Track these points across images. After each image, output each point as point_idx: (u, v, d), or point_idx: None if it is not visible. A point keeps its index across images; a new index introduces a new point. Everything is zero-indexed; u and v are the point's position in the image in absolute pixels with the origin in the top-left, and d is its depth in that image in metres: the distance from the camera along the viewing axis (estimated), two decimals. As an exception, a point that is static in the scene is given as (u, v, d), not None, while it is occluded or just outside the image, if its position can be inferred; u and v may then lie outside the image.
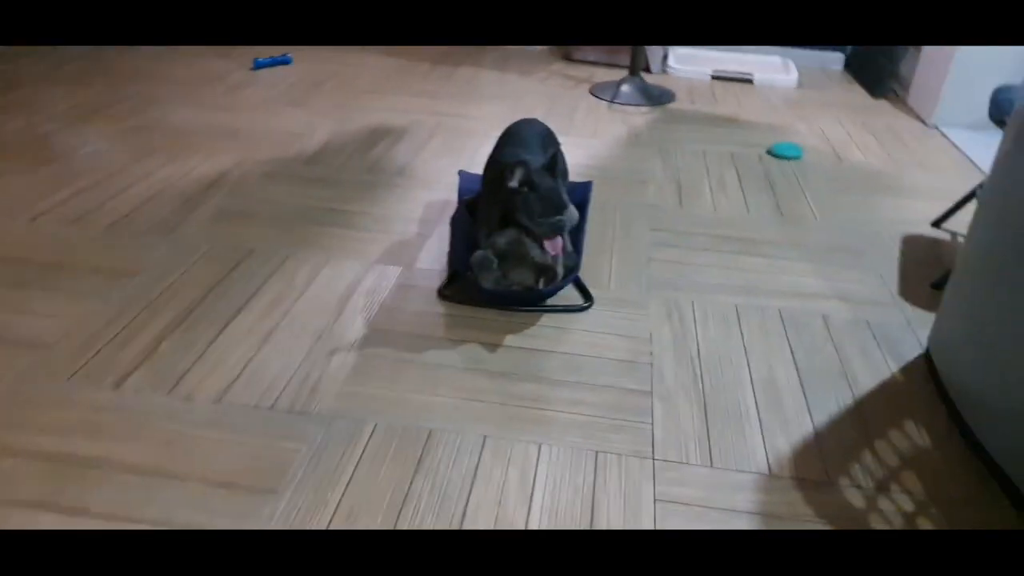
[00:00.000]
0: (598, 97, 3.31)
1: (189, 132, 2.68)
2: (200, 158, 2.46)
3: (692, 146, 2.77)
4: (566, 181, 1.98)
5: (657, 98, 3.30)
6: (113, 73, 3.29)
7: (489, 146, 1.97)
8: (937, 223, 2.18)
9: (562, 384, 1.50)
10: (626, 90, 3.33)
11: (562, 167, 1.68)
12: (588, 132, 2.86)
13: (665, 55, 3.79)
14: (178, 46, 3.75)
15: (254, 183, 2.30)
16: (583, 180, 2.27)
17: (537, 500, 1.23)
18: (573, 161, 2.47)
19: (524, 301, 1.73)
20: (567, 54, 3.89)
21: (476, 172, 2.18)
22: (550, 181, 1.65)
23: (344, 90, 3.21)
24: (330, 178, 2.37)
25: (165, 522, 1.16)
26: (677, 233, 2.12)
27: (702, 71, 3.69)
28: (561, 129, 2.86)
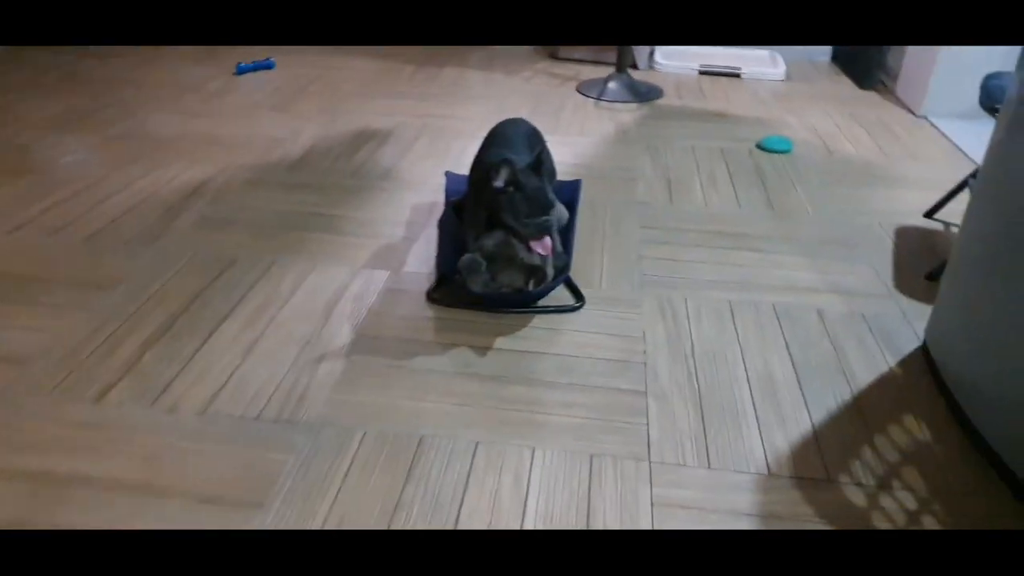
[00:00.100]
0: (585, 95, 3.28)
1: (171, 139, 2.64)
2: (182, 166, 2.42)
3: (681, 142, 2.74)
4: (553, 180, 1.96)
5: (644, 94, 3.28)
6: (94, 81, 3.25)
7: (476, 146, 1.94)
8: (929, 214, 2.17)
9: (555, 386, 1.47)
10: (613, 87, 3.31)
11: (548, 166, 1.65)
12: (576, 130, 2.84)
13: (652, 51, 3.77)
14: (161, 54, 3.70)
15: (237, 190, 2.27)
16: (571, 179, 2.24)
17: (531, 506, 1.20)
18: (561, 160, 2.44)
19: (514, 303, 1.70)
20: (553, 52, 3.87)
21: (463, 173, 2.15)
22: (536, 180, 1.62)
23: (328, 94, 3.17)
24: (315, 183, 2.33)
25: (148, 540, 1.13)
26: (668, 230, 2.09)
27: (689, 66, 3.67)
28: (548, 128, 2.83)
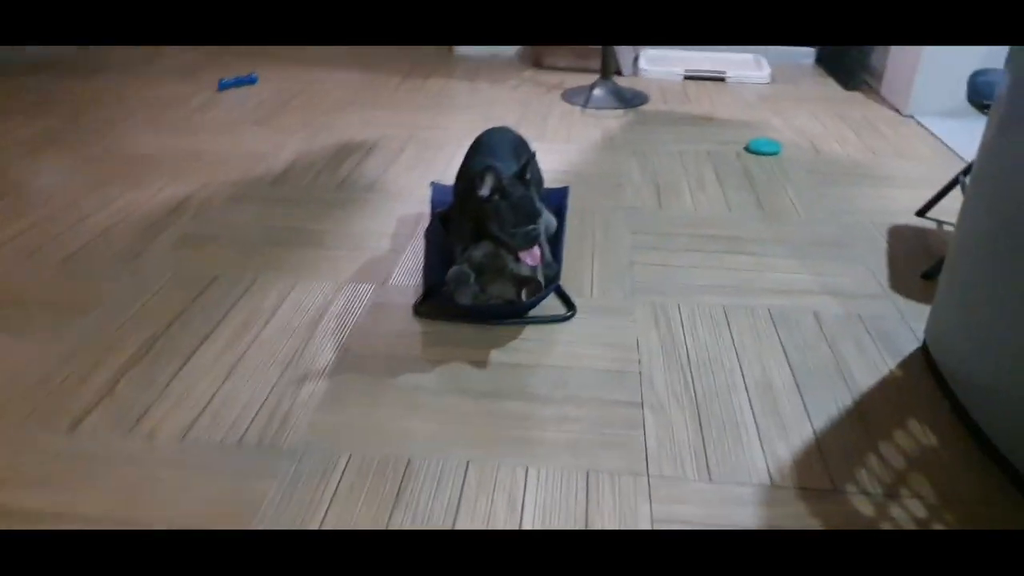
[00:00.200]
0: (570, 102, 3.25)
1: (151, 157, 2.59)
2: (162, 183, 2.37)
3: (668, 147, 2.71)
4: (540, 188, 1.92)
5: (630, 100, 3.25)
6: (74, 100, 3.19)
7: (462, 156, 1.90)
8: (922, 212, 2.14)
9: (548, 400, 1.42)
10: (598, 94, 3.28)
11: (536, 175, 1.61)
12: (562, 138, 2.80)
13: (636, 57, 3.75)
14: (142, 71, 3.65)
15: (219, 207, 2.22)
16: (559, 186, 2.21)
17: (527, 528, 1.15)
18: (548, 167, 2.40)
19: (504, 314, 1.65)
20: (537, 61, 3.84)
21: (449, 183, 2.11)
22: (522, 189, 1.58)
23: (311, 107, 3.13)
24: (298, 197, 2.29)
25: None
26: (658, 235, 2.05)
27: (674, 71, 3.65)
28: (534, 136, 2.80)
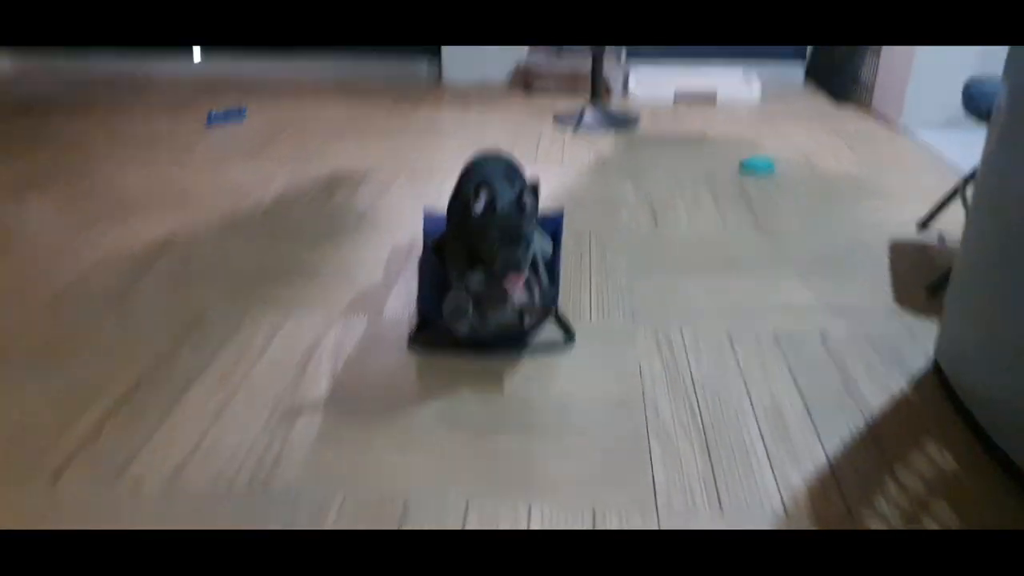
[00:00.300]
0: (561, 126, 3.24)
1: (139, 195, 2.55)
2: (150, 221, 2.33)
3: (662, 168, 2.69)
4: (535, 215, 1.87)
5: (621, 122, 3.24)
6: (61, 139, 3.16)
7: (453, 183, 1.86)
8: (923, 225, 2.11)
9: (549, 433, 1.37)
10: (589, 117, 3.26)
11: (531, 205, 1.57)
12: (554, 161, 2.78)
13: (626, 80, 3.75)
14: (130, 108, 3.63)
15: (207, 242, 2.17)
16: (553, 209, 2.17)
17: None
18: (541, 192, 2.37)
19: (501, 343, 1.60)
20: (527, 85, 3.83)
21: (441, 210, 2.07)
22: (510, 208, 1.54)
23: (301, 139, 3.10)
24: (288, 230, 2.25)
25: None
26: (656, 257, 2.02)
27: (664, 93, 3.65)
28: (527, 160, 2.77)
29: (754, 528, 1.15)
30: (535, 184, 1.61)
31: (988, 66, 2.25)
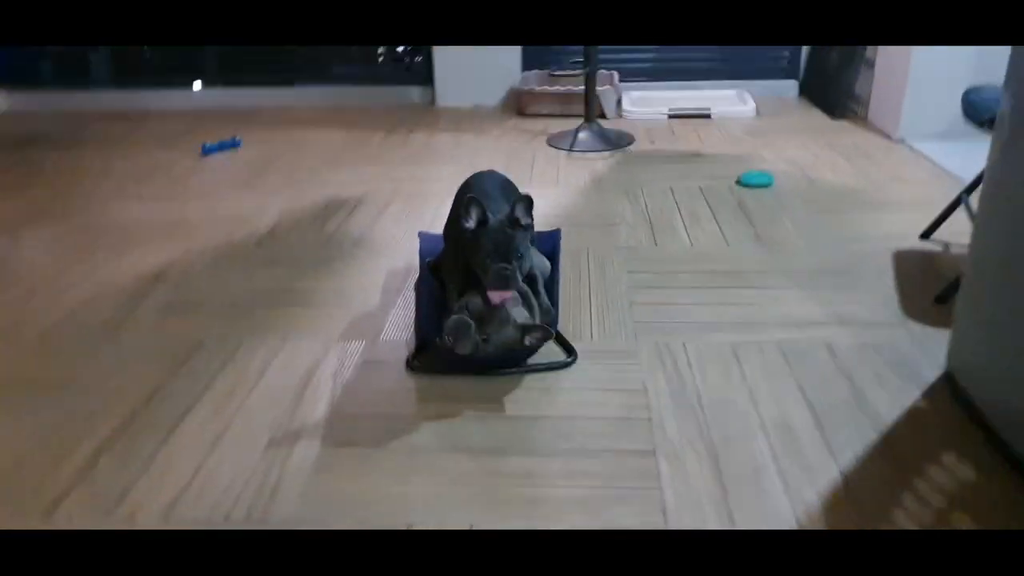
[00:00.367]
0: (556, 147, 3.23)
1: (134, 226, 2.53)
2: (144, 252, 2.30)
3: (659, 184, 2.67)
4: (531, 230, 1.85)
5: (616, 141, 3.23)
6: (56, 174, 3.14)
7: (449, 207, 1.85)
8: (926, 235, 2.09)
9: (554, 454, 1.33)
10: (583, 137, 3.25)
11: (524, 220, 1.56)
12: (550, 181, 2.76)
13: (619, 100, 3.75)
14: (125, 142, 3.62)
15: (202, 272, 2.15)
16: (550, 229, 2.15)
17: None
18: (538, 211, 2.34)
19: (502, 363, 1.57)
20: (520, 109, 3.83)
21: (437, 232, 2.05)
22: (502, 222, 1.52)
23: (295, 167, 3.09)
24: (284, 257, 2.22)
25: None
26: (657, 273, 1.99)
27: (658, 111, 3.65)
28: (522, 181, 2.74)
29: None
30: (528, 198, 1.59)
31: (983, 77, 2.24)
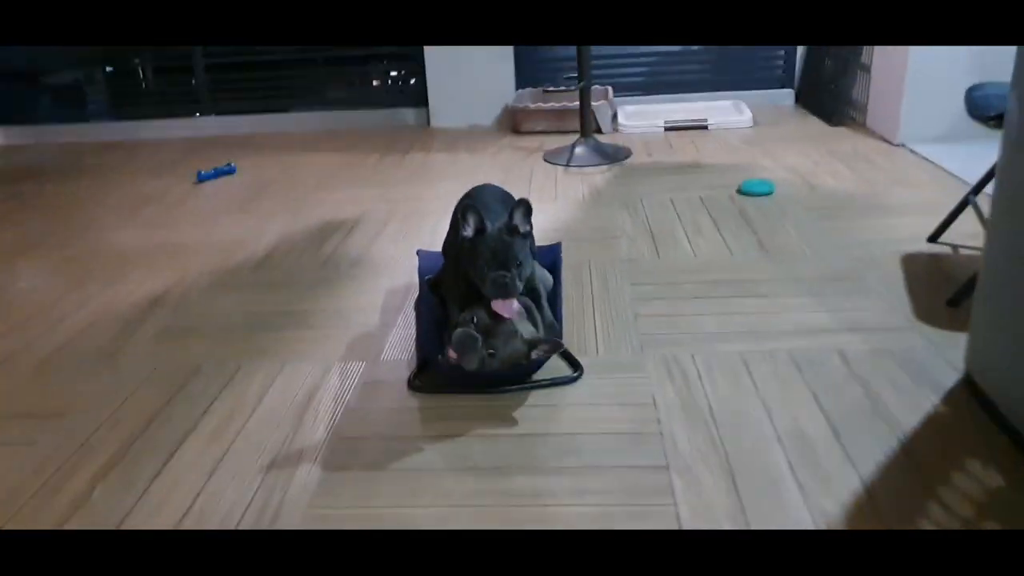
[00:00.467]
0: (553, 163, 3.21)
1: (130, 253, 2.50)
2: (141, 279, 2.27)
3: (658, 196, 2.65)
4: (531, 238, 1.81)
5: (613, 155, 3.21)
6: (53, 205, 3.11)
7: (446, 225, 1.81)
8: (933, 238, 2.05)
9: (562, 471, 1.29)
10: (580, 152, 3.23)
11: (523, 226, 1.52)
12: (548, 196, 2.73)
13: (614, 114, 3.74)
14: (119, 171, 3.60)
15: (199, 297, 2.11)
16: (550, 243, 2.11)
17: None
18: (537, 226, 2.31)
19: (506, 380, 1.53)
20: (515, 127, 3.82)
21: (436, 250, 2.02)
22: (501, 232, 1.49)
23: (291, 191, 3.07)
24: (281, 280, 2.19)
25: None
26: (660, 284, 1.95)
27: (654, 124, 3.63)
28: (520, 196, 2.73)
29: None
30: (526, 203, 1.55)
31: (981, 78, 2.21)
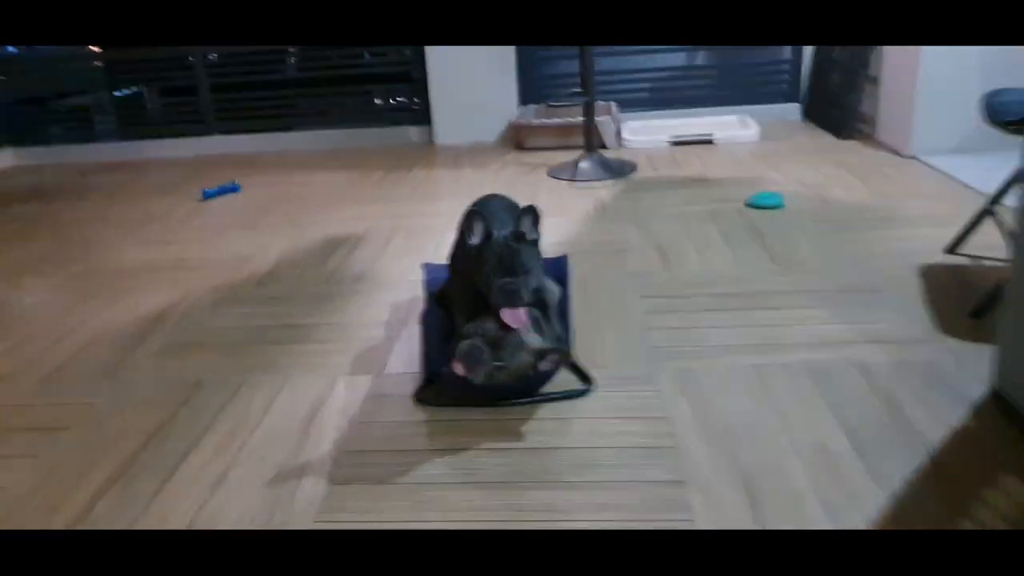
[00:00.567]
0: (558, 178, 3.18)
1: (135, 270, 2.47)
2: (145, 294, 2.24)
3: (665, 210, 2.61)
4: (538, 245, 1.78)
5: (618, 170, 3.18)
6: (59, 224, 3.09)
7: (451, 240, 1.78)
8: (951, 249, 2.01)
9: (575, 486, 1.24)
10: (585, 167, 3.21)
11: (531, 233, 1.49)
12: (554, 211, 2.70)
13: (618, 130, 3.71)
14: (125, 191, 3.59)
15: (203, 312, 2.08)
16: (556, 256, 2.07)
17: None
18: (543, 240, 2.28)
19: (514, 393, 1.48)
20: (519, 144, 3.80)
21: (442, 262, 1.98)
22: (506, 238, 1.46)
23: (296, 209, 3.04)
24: (285, 295, 2.15)
25: None
26: (671, 297, 1.91)
27: (658, 139, 3.61)
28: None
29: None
30: (534, 209, 1.52)
31: (991, 87, 2.18)
